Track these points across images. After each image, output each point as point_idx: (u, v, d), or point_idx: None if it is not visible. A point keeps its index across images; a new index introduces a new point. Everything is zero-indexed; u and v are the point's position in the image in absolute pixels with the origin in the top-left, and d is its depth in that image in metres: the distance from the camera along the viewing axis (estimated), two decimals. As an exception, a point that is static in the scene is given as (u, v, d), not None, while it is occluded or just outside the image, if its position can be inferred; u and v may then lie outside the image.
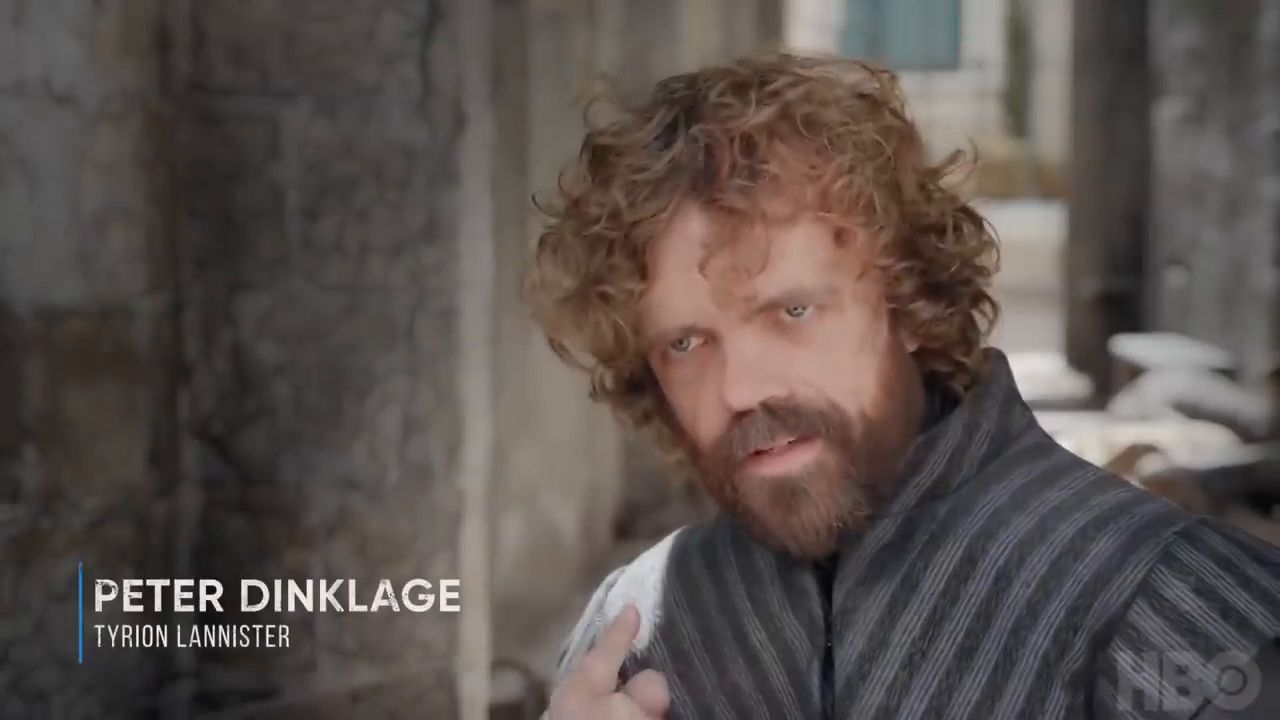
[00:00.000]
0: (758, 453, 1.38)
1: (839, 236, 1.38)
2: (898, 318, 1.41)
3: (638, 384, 1.47)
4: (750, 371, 1.36)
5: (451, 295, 3.80)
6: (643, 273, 1.38)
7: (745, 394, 1.36)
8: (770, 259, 1.36)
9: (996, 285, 1.47)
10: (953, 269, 1.41)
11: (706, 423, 1.40)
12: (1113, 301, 11.55)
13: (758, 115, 1.36)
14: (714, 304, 1.37)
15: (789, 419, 1.37)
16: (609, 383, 1.48)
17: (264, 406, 3.79)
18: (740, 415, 1.37)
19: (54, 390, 3.48)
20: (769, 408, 1.37)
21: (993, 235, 1.45)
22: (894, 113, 1.41)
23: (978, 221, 1.44)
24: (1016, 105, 21.37)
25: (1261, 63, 9.24)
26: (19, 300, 3.45)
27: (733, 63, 1.41)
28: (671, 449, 1.48)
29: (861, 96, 1.40)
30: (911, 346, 1.43)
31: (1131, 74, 11.29)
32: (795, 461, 1.38)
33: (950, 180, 1.43)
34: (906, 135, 1.41)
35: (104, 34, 3.51)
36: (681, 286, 1.37)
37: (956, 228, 1.42)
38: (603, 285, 1.39)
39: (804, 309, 1.37)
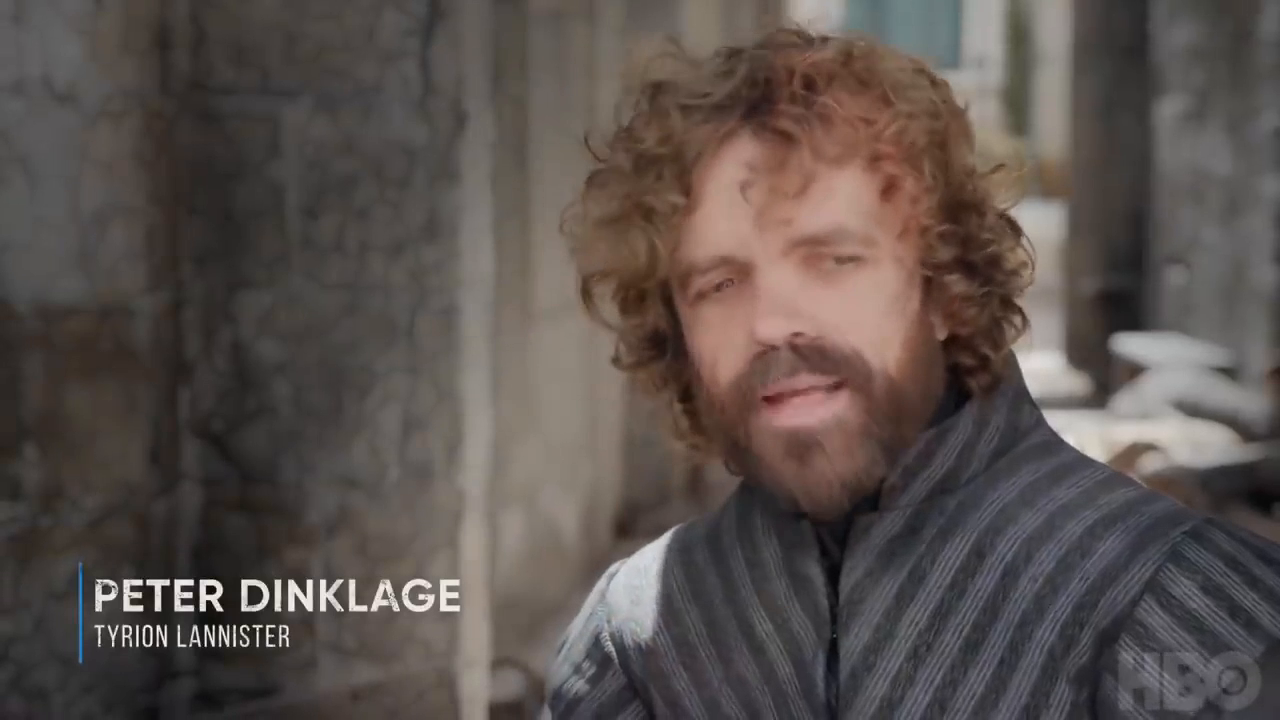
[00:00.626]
0: (775, 400, 1.38)
1: (886, 190, 1.38)
2: (931, 291, 1.41)
3: (660, 341, 1.46)
4: (782, 305, 1.37)
5: (452, 294, 3.80)
6: (688, 191, 1.38)
7: (775, 327, 1.36)
8: (814, 192, 1.36)
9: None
10: (988, 251, 1.42)
11: (728, 361, 1.39)
12: (1113, 299, 11.55)
13: (820, 53, 1.39)
14: (753, 230, 1.37)
15: (814, 358, 1.37)
16: (631, 338, 1.47)
17: (264, 405, 3.79)
18: (762, 353, 1.37)
19: (54, 389, 3.48)
20: (795, 347, 1.37)
21: (1029, 250, 1.45)
22: (948, 93, 1.43)
23: (1017, 231, 1.45)
24: (1017, 103, 21.38)
25: (1262, 60, 9.24)
26: (19, 298, 3.45)
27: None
28: (678, 430, 1.47)
29: (917, 69, 1.42)
30: (941, 334, 1.43)
31: (1132, 72, 11.29)
32: (815, 414, 1.37)
33: (993, 185, 1.44)
34: (959, 114, 1.42)
35: (104, 32, 3.51)
36: (724, 209, 1.38)
37: (998, 226, 1.43)
38: (648, 199, 1.39)
39: (842, 253, 1.37)
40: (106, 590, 3.59)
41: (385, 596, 3.81)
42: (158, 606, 3.72)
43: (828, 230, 1.37)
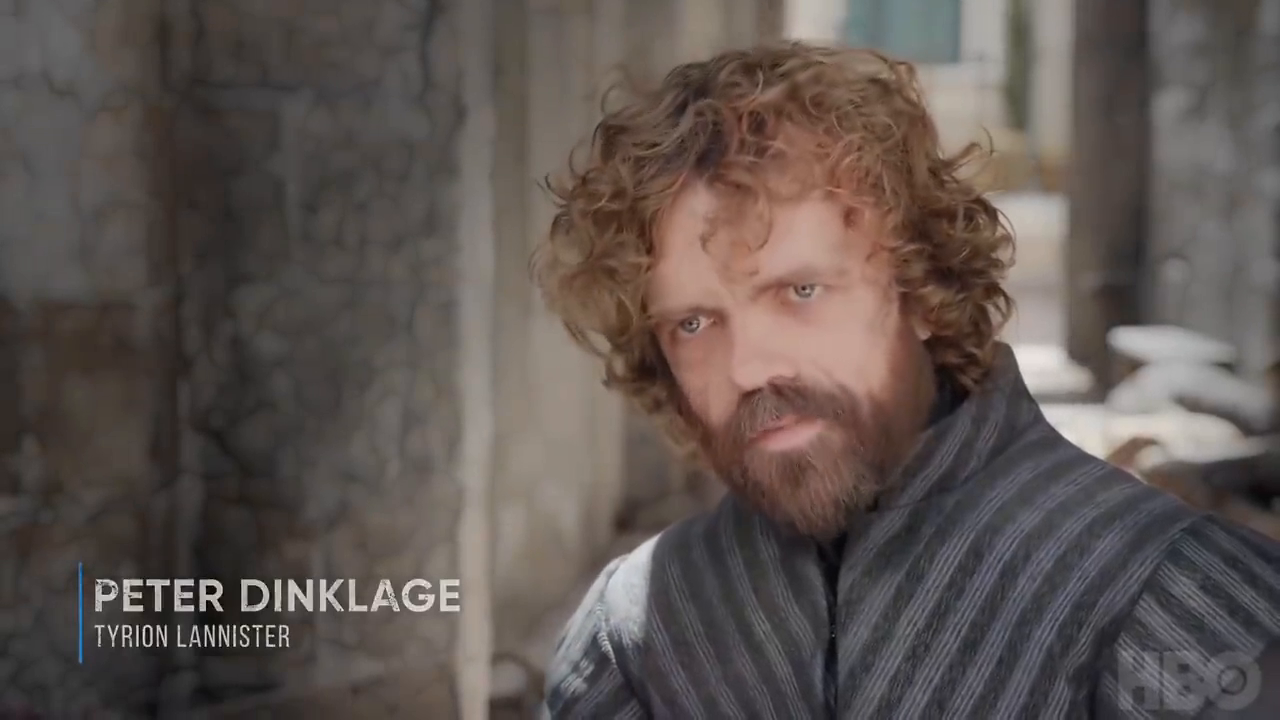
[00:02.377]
0: (766, 431, 1.38)
1: (848, 217, 1.38)
2: (908, 302, 1.41)
3: (649, 369, 1.46)
4: (757, 351, 1.36)
5: (451, 288, 3.80)
6: (649, 248, 1.38)
7: (753, 373, 1.36)
8: (775, 236, 1.36)
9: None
10: (963, 255, 1.41)
11: (716, 405, 1.40)
12: (1113, 295, 11.54)
13: (765, 94, 1.37)
14: (719, 281, 1.37)
15: (795, 400, 1.37)
16: (620, 369, 1.47)
17: (264, 400, 3.79)
18: (748, 395, 1.37)
19: (54, 383, 3.48)
20: (776, 388, 1.37)
21: (1008, 229, 1.45)
22: (907, 100, 1.41)
23: (992, 214, 1.44)
24: (1017, 98, 21.37)
25: (1262, 56, 9.24)
26: (19, 293, 3.45)
27: (746, 48, 1.42)
28: (682, 440, 1.47)
29: (874, 82, 1.40)
30: (924, 334, 1.43)
31: (1132, 67, 11.29)
32: (801, 437, 1.37)
33: (964, 172, 1.43)
34: (918, 121, 1.41)
35: (104, 27, 3.51)
36: (688, 263, 1.37)
37: (969, 216, 1.42)
38: (609, 261, 1.39)
39: (812, 288, 1.37)
40: (106, 587, 3.59)
41: (385, 596, 3.81)
42: (157, 602, 3.72)
43: (794, 270, 1.37)
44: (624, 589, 1.56)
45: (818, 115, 1.37)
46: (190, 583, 3.79)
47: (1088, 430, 8.20)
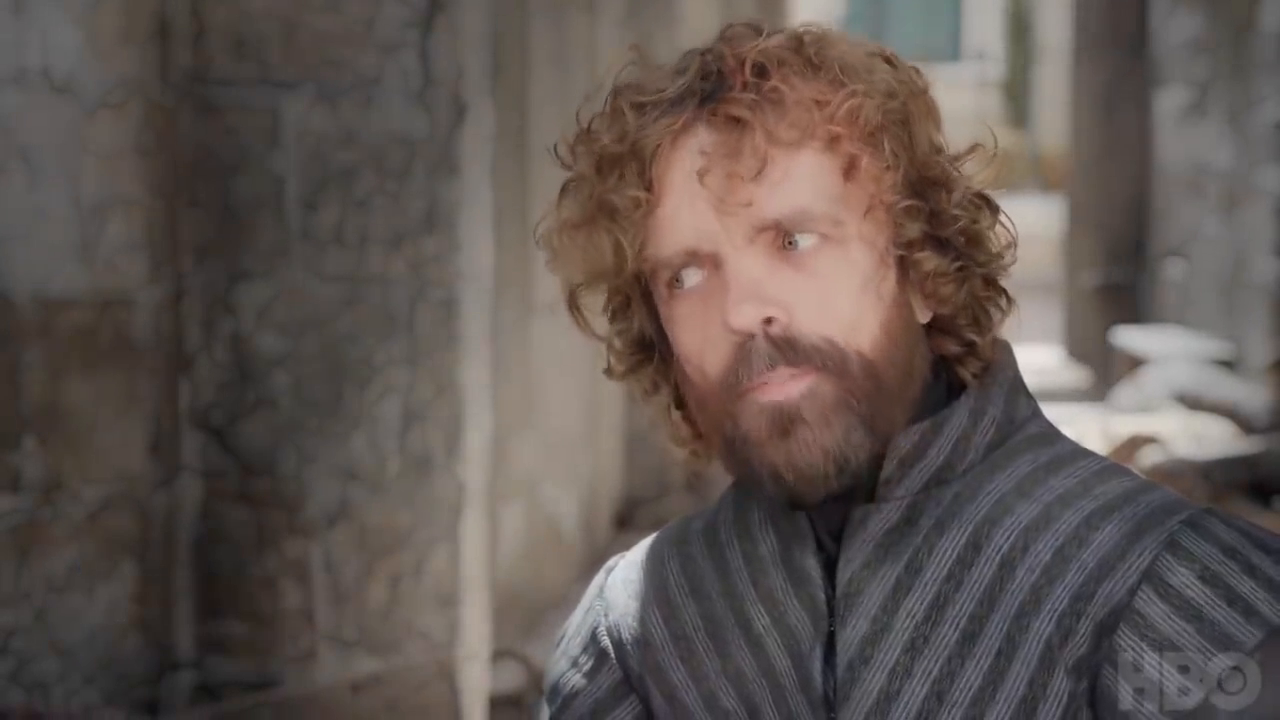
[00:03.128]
0: (759, 382, 1.38)
1: (847, 170, 1.39)
2: (905, 271, 1.42)
3: (647, 345, 1.46)
4: (752, 292, 1.37)
5: (451, 285, 3.80)
6: (649, 186, 1.39)
7: (747, 314, 1.37)
8: (773, 177, 1.37)
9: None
10: (959, 226, 1.42)
11: (712, 357, 1.40)
12: (1113, 292, 11.55)
13: (769, 42, 1.40)
14: (715, 218, 1.38)
15: (786, 350, 1.37)
16: (619, 345, 1.47)
17: (264, 397, 3.79)
18: (742, 345, 1.38)
19: (54, 380, 3.48)
20: (770, 337, 1.38)
21: (1009, 225, 1.45)
22: (912, 74, 1.43)
23: (994, 210, 1.45)
24: (1017, 96, 21.37)
25: (1262, 53, 9.24)
26: (19, 290, 3.45)
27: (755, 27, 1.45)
28: (678, 435, 1.48)
29: (877, 54, 1.42)
30: (923, 317, 1.43)
31: (1132, 64, 11.29)
32: (793, 388, 1.38)
33: (967, 169, 1.44)
34: (921, 94, 1.42)
35: (104, 24, 3.51)
36: (686, 201, 1.39)
37: (970, 204, 1.43)
38: (610, 199, 1.40)
39: (807, 235, 1.38)
40: (106, 582, 3.59)
41: (385, 590, 3.81)
42: (158, 599, 3.72)
43: (790, 213, 1.38)
44: (623, 585, 1.56)
45: (820, 66, 1.39)
46: (190, 574, 3.79)
47: (1088, 428, 8.20)
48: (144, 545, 3.65)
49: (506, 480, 5.75)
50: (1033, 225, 14.45)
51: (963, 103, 18.78)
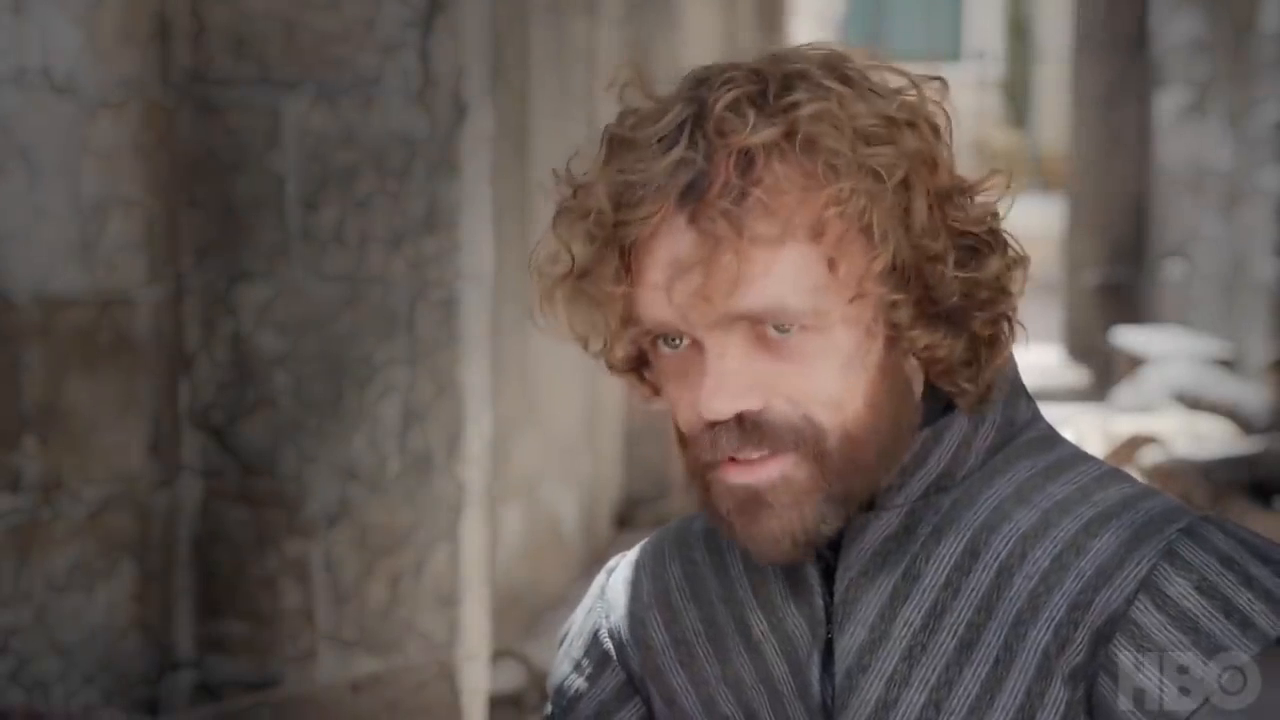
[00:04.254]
0: (729, 459, 1.38)
1: (831, 262, 1.36)
2: (894, 340, 1.39)
3: (646, 359, 1.46)
4: (726, 384, 1.36)
5: (452, 285, 3.80)
6: (626, 276, 1.38)
7: (719, 407, 1.36)
8: (752, 274, 1.34)
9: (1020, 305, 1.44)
10: (958, 296, 1.38)
11: (684, 422, 1.40)
12: (1113, 292, 11.55)
13: (757, 134, 1.35)
14: (690, 311, 1.36)
15: (755, 435, 1.36)
16: (618, 358, 1.47)
17: (264, 396, 3.79)
18: (712, 425, 1.37)
19: (54, 380, 3.48)
20: (741, 421, 1.36)
21: (1019, 255, 1.42)
22: (918, 132, 1.38)
23: (1003, 244, 1.41)
24: (1017, 96, 21.37)
25: (1262, 53, 9.24)
26: (19, 289, 3.45)
27: (763, 60, 1.39)
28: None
29: (884, 119, 1.37)
30: (915, 365, 1.41)
31: (1132, 64, 11.29)
32: (762, 473, 1.37)
33: (981, 200, 1.40)
34: (924, 158, 1.37)
35: (104, 23, 3.51)
36: (663, 291, 1.37)
37: (974, 251, 1.39)
38: (587, 282, 1.39)
39: (788, 327, 1.36)
40: (106, 582, 3.59)
41: (385, 590, 3.81)
42: (158, 598, 3.72)
43: (766, 308, 1.35)
44: (625, 586, 1.56)
45: (809, 158, 1.35)
46: (190, 574, 3.79)
47: (1088, 428, 8.20)
48: (144, 545, 3.65)
49: (506, 480, 5.75)
50: (1033, 225, 14.44)
51: (963, 103, 18.75)
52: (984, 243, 1.40)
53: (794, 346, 1.36)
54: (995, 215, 1.41)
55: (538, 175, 6.03)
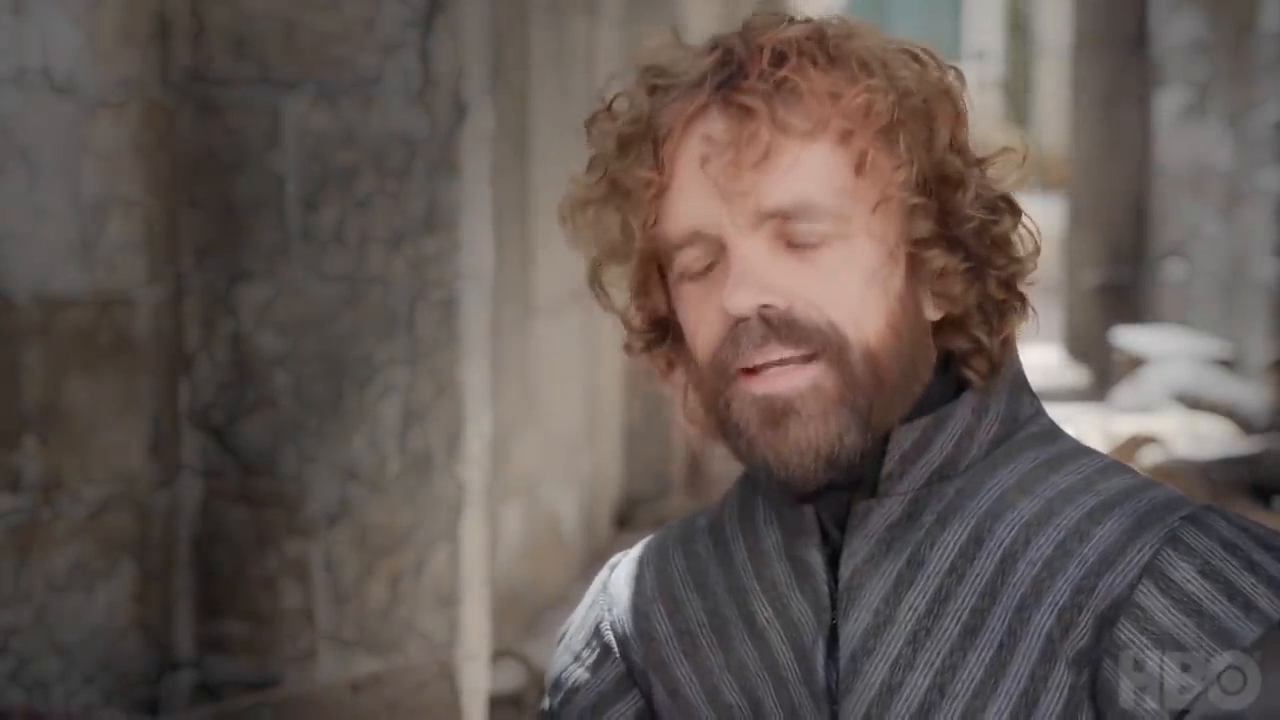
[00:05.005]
0: (753, 370, 1.38)
1: (857, 165, 1.38)
2: (914, 268, 1.41)
3: (663, 324, 1.47)
4: (751, 278, 1.37)
5: (452, 285, 3.80)
6: (660, 167, 1.40)
7: (743, 299, 1.37)
8: (780, 167, 1.37)
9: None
10: (973, 227, 1.41)
11: (706, 336, 1.40)
12: (1113, 292, 11.55)
13: (791, 30, 1.40)
14: (721, 203, 1.38)
15: (783, 330, 1.37)
16: (636, 323, 1.47)
17: (264, 396, 3.79)
18: (735, 324, 1.38)
19: (54, 380, 3.48)
20: (765, 318, 1.37)
21: (1033, 230, 1.44)
22: (940, 73, 1.42)
23: (1017, 214, 1.44)
24: (1017, 96, 21.36)
25: (1262, 53, 9.24)
26: (19, 289, 3.45)
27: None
28: (692, 414, 1.47)
29: (906, 51, 1.42)
30: (932, 315, 1.43)
31: (1132, 64, 11.29)
32: (788, 382, 1.38)
33: (994, 172, 1.43)
34: (946, 93, 1.42)
35: (104, 23, 3.51)
36: (693, 184, 1.39)
37: (990, 206, 1.42)
38: (621, 178, 1.41)
39: (813, 226, 1.38)
40: (106, 581, 3.59)
41: (385, 590, 3.81)
42: (157, 598, 3.72)
43: (793, 204, 1.38)
44: (627, 581, 1.56)
45: (840, 58, 1.39)
46: (190, 574, 3.79)
47: (1088, 428, 8.21)
48: (144, 545, 3.65)
49: (506, 480, 5.75)
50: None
51: (963, 102, 18.73)
52: (998, 204, 1.43)
53: (818, 254, 1.38)
54: (1008, 190, 1.44)
55: (538, 175, 6.04)
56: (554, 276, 6.31)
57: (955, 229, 1.41)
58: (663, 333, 1.47)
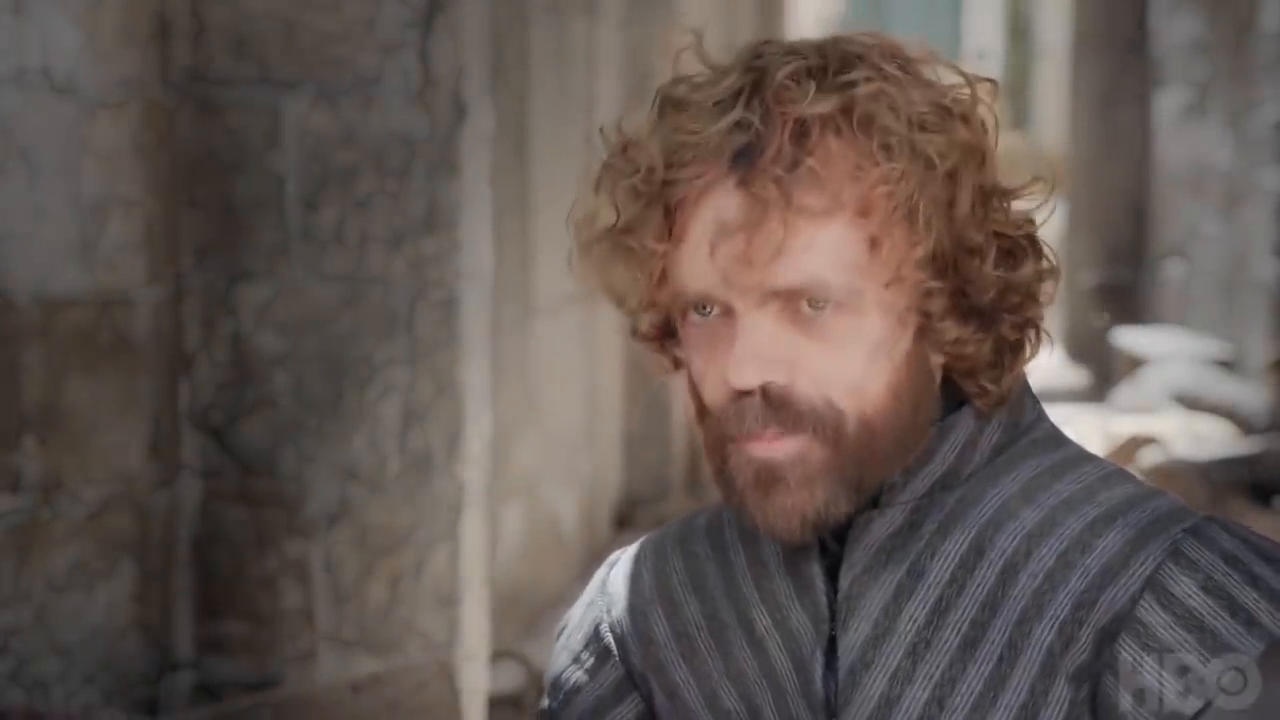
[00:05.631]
0: (751, 434, 1.38)
1: (873, 242, 1.36)
2: (924, 331, 1.39)
3: (672, 329, 1.46)
4: (756, 355, 1.36)
5: (452, 285, 3.79)
6: (669, 234, 1.38)
7: (747, 376, 1.36)
8: (793, 247, 1.35)
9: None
10: (991, 295, 1.39)
11: (710, 394, 1.40)
12: (1113, 292, 11.54)
13: (815, 105, 1.35)
14: (723, 285, 1.37)
15: (780, 412, 1.37)
16: (644, 325, 1.47)
17: (264, 397, 3.79)
18: (739, 396, 1.37)
19: (53, 380, 3.48)
20: (766, 394, 1.37)
21: (1053, 265, 1.43)
22: (970, 126, 1.38)
23: (1038, 249, 1.42)
24: (1017, 96, 21.37)
25: (1262, 53, 9.24)
26: (19, 290, 3.45)
27: (823, 39, 1.40)
28: (697, 410, 1.47)
29: (938, 107, 1.37)
30: (939, 360, 1.41)
31: (1132, 64, 11.29)
32: (780, 449, 1.37)
33: (1021, 205, 1.41)
34: (974, 151, 1.38)
35: (104, 23, 3.51)
36: (703, 255, 1.37)
37: (1010, 253, 1.40)
38: (629, 238, 1.39)
39: (823, 304, 1.36)
40: (106, 582, 3.59)
41: (385, 590, 3.81)
42: (157, 599, 3.71)
43: (805, 283, 1.36)
44: (626, 581, 1.56)
45: (864, 135, 1.35)
46: (190, 575, 3.79)
47: (1087, 428, 8.20)
48: (143, 545, 3.65)
49: (506, 480, 5.75)
50: (1032, 225, 14.39)
51: (962, 103, 18.71)
52: (1020, 246, 1.41)
53: (826, 325, 1.37)
54: (1032, 222, 1.42)
55: (538, 175, 6.03)
56: (554, 277, 6.30)
57: (974, 298, 1.39)
58: (670, 335, 1.46)
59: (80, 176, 3.49)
